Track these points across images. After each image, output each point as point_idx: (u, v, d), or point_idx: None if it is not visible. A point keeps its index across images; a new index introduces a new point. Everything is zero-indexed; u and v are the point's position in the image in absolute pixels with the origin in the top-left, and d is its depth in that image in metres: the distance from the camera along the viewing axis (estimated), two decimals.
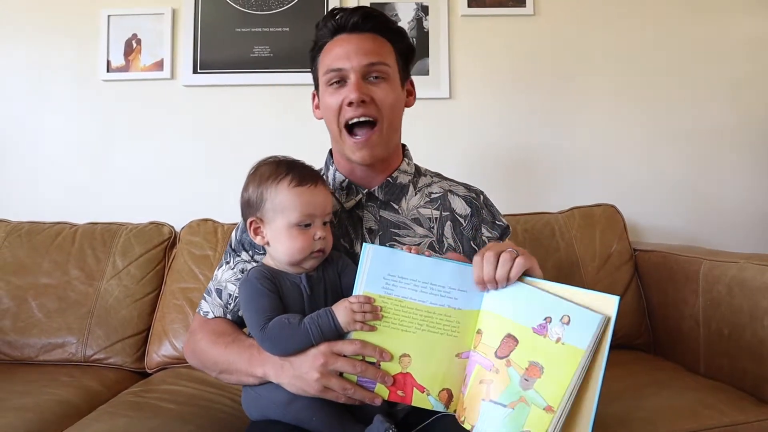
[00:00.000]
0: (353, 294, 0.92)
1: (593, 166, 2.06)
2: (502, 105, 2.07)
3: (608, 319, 0.81)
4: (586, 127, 2.07)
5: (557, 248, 1.76)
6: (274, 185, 0.99)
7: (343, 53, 1.10)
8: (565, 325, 0.83)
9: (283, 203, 0.98)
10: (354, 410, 0.94)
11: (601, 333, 0.81)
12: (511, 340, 0.87)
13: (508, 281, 0.89)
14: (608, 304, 0.83)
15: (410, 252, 0.94)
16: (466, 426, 0.88)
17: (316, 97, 1.21)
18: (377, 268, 0.92)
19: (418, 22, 2.05)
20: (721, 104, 2.06)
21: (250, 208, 1.02)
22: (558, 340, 0.83)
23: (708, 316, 1.42)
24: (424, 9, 2.06)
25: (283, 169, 1.01)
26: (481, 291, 0.92)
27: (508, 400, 0.84)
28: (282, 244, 0.98)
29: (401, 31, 1.18)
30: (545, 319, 0.85)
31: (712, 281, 1.42)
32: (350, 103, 1.07)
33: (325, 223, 1.01)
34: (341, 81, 1.10)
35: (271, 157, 1.07)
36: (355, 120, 1.09)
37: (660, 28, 2.07)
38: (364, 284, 0.92)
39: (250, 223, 1.02)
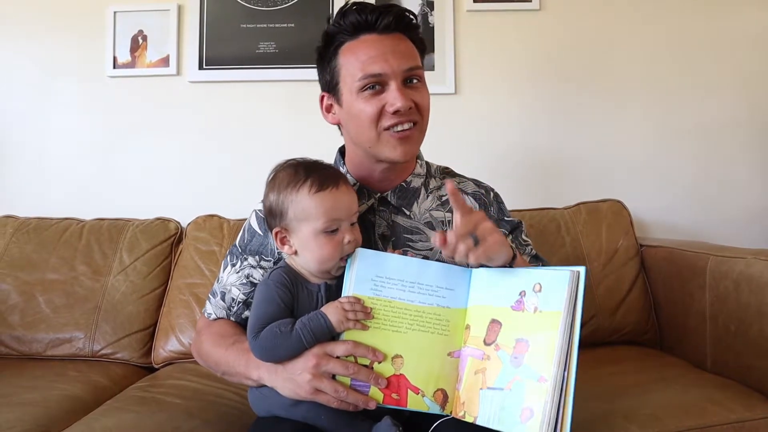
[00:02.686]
0: (342, 296, 0.92)
1: (599, 162, 2.05)
2: (507, 100, 2.06)
3: (578, 274, 0.82)
4: (593, 123, 2.05)
5: (563, 244, 1.76)
6: (294, 192, 0.96)
7: (379, 56, 1.01)
8: (538, 294, 0.85)
9: (306, 211, 0.95)
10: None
11: (576, 290, 0.81)
12: (495, 324, 0.88)
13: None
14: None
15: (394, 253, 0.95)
16: (468, 419, 0.87)
17: (327, 99, 1.12)
18: (364, 270, 0.93)
19: (424, 17, 2.05)
20: (730, 100, 2.04)
21: (273, 218, 0.99)
22: (535, 309, 0.84)
23: (715, 312, 1.41)
24: (430, 4, 2.05)
25: (301, 174, 0.97)
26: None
27: (503, 382, 0.84)
28: (311, 252, 0.96)
29: (414, 19, 1.10)
30: (520, 294, 0.87)
31: (719, 277, 1.41)
32: (396, 111, 1.01)
33: (352, 224, 0.99)
34: (377, 86, 1.02)
35: (289, 161, 1.02)
36: (401, 128, 1.03)
37: (667, 23, 2.05)
38: (352, 287, 0.92)
39: (276, 233, 1.00)
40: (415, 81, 1.05)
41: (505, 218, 1.20)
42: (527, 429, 0.79)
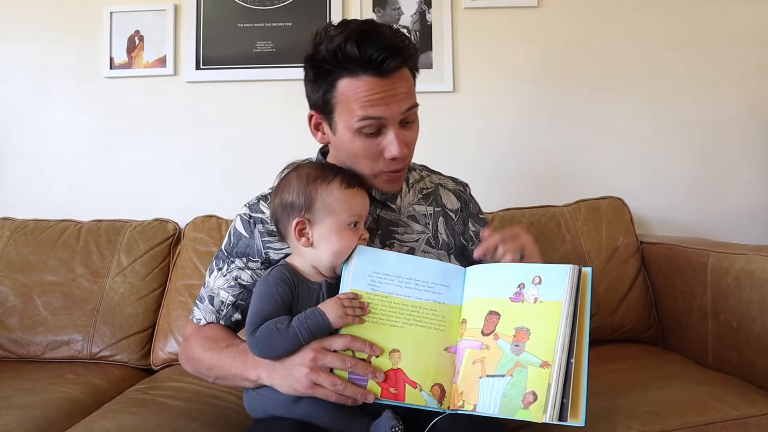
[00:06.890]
0: (340, 292, 0.94)
1: (599, 159, 2.05)
2: (506, 98, 2.06)
3: (579, 269, 0.89)
4: (592, 119, 2.05)
5: (563, 242, 1.75)
6: (325, 186, 0.99)
7: (380, 99, 0.98)
8: (538, 285, 0.90)
9: (335, 204, 0.98)
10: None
11: (578, 283, 0.88)
12: (494, 315, 0.92)
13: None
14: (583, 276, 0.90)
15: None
16: (467, 408, 0.88)
17: (315, 117, 1.08)
18: (362, 266, 0.96)
19: (421, 15, 2.04)
20: (730, 95, 2.04)
21: (293, 210, 1.00)
22: (535, 300, 0.90)
23: (716, 309, 1.41)
24: (427, 2, 2.04)
25: (329, 171, 1.01)
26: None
27: (504, 369, 0.87)
28: (330, 245, 0.97)
29: (416, 51, 1.06)
30: (519, 286, 0.92)
31: (720, 273, 1.40)
32: (393, 159, 1.01)
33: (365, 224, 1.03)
34: (376, 127, 1.00)
35: (304, 161, 1.07)
36: (394, 168, 1.04)
37: (666, 19, 2.04)
38: (350, 282, 0.94)
39: (296, 224, 0.99)
40: (410, 120, 1.04)
41: (480, 215, 1.25)
42: (530, 412, 0.83)
